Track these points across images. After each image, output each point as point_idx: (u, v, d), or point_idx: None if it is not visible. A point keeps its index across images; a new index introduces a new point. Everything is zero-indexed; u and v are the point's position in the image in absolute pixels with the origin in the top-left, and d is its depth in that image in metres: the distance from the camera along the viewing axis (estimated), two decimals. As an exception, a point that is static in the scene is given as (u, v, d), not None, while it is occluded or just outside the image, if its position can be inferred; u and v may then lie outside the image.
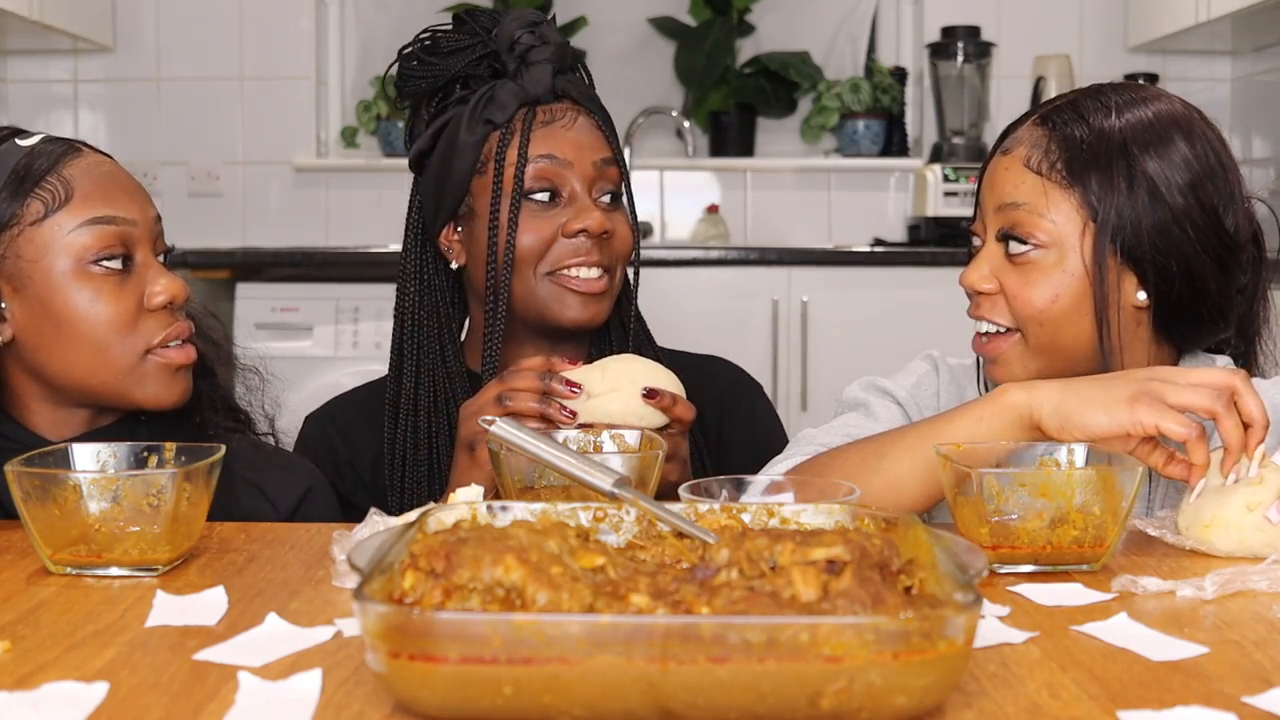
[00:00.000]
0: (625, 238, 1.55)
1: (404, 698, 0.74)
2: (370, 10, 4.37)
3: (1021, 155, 1.34)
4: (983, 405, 1.20)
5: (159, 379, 1.32)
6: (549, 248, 1.50)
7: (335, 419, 1.63)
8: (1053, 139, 1.33)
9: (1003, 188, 1.35)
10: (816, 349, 3.57)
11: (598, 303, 1.52)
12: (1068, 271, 1.31)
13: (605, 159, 1.54)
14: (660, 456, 1.17)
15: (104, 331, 1.29)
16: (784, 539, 0.84)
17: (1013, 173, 1.34)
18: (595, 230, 1.49)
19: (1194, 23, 3.56)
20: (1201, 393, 1.13)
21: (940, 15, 4.12)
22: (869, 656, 0.70)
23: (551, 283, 1.50)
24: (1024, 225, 1.32)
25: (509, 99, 1.52)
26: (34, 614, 0.95)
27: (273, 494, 1.41)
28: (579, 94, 1.55)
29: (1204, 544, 1.11)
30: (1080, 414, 1.14)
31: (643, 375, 1.35)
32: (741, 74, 4.22)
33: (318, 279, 3.70)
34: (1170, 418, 1.11)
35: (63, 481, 1.05)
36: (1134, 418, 1.12)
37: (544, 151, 1.51)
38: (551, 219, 1.51)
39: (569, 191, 1.51)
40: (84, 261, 1.29)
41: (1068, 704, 0.77)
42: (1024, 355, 1.34)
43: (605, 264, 1.51)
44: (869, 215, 4.22)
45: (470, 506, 0.93)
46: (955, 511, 1.09)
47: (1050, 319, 1.32)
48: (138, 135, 4.26)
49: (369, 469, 1.58)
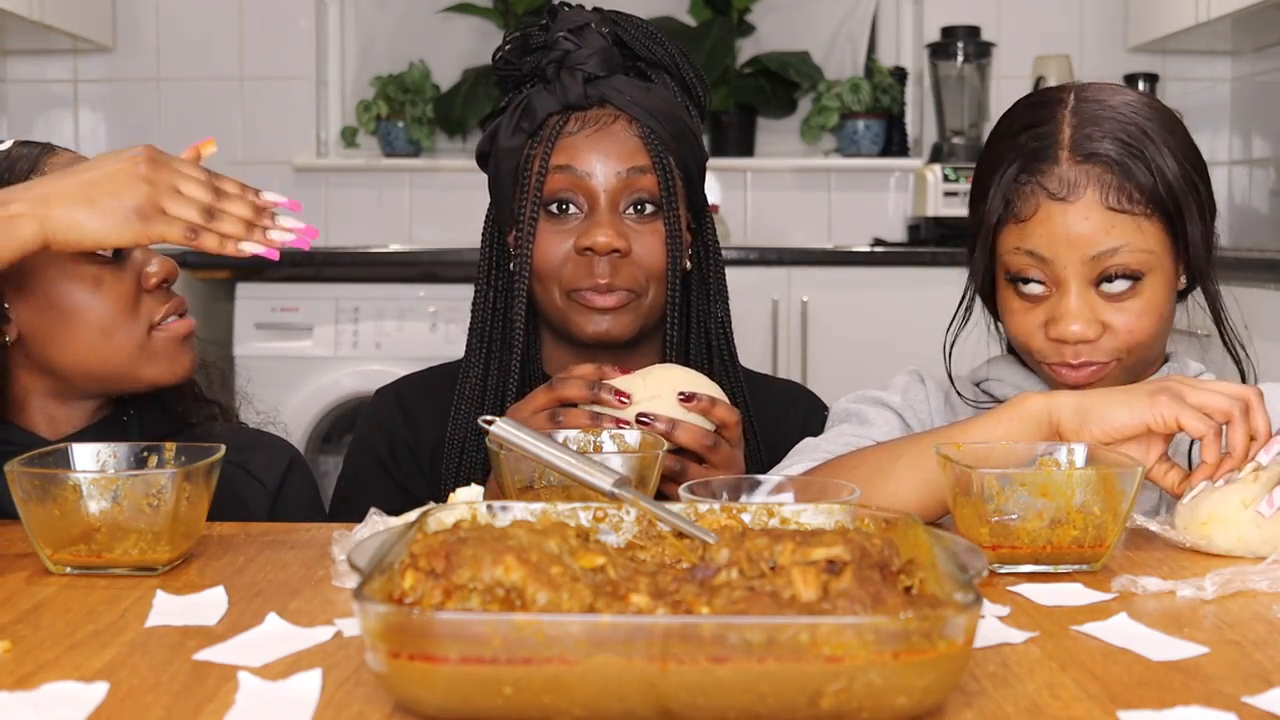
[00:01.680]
0: (653, 253, 1.48)
1: (404, 698, 0.74)
2: (370, 10, 4.37)
3: (1095, 199, 1.29)
4: (1000, 413, 1.21)
5: (167, 353, 1.37)
6: (565, 264, 1.47)
7: (401, 399, 1.62)
8: (1113, 171, 1.30)
9: (1091, 238, 1.29)
10: (816, 349, 3.57)
11: (616, 317, 1.47)
12: (1164, 287, 1.32)
13: (635, 168, 1.47)
14: (660, 456, 1.17)
15: (110, 317, 1.33)
16: (784, 539, 0.84)
17: (1094, 220, 1.29)
18: (601, 249, 1.45)
19: (1194, 23, 3.56)
20: (1220, 397, 1.15)
21: (940, 15, 4.13)
22: (869, 656, 0.70)
23: (571, 300, 1.48)
24: (1129, 265, 1.29)
25: (540, 106, 1.49)
26: (34, 614, 0.95)
27: (258, 472, 1.45)
28: (623, 100, 1.49)
29: (1203, 541, 1.11)
30: (1101, 411, 1.15)
31: (683, 381, 1.33)
32: (741, 74, 4.22)
33: (318, 279, 3.71)
34: (1190, 413, 1.14)
35: (63, 481, 1.05)
36: (1155, 410, 1.14)
37: (562, 162, 1.47)
38: (565, 234, 1.47)
39: (589, 204, 1.47)
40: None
41: (1068, 704, 0.77)
42: (1119, 376, 1.33)
43: (623, 285, 1.47)
44: (869, 215, 4.22)
45: (470, 506, 0.93)
46: (955, 511, 1.10)
47: (1156, 336, 1.34)
48: (138, 135, 4.26)
49: (428, 453, 1.57)
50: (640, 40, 1.53)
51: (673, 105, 1.52)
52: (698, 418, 1.32)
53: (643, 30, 1.54)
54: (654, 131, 1.49)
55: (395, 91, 4.23)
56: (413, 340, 3.55)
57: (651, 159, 1.48)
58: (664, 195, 1.48)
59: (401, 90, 4.23)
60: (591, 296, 1.46)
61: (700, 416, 1.32)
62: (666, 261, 1.48)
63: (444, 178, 4.22)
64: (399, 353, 3.51)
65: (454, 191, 4.18)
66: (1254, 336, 1.59)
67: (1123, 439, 1.16)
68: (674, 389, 1.32)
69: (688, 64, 1.56)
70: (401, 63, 4.31)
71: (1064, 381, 1.33)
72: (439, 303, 3.57)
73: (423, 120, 4.23)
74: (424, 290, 3.61)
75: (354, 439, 1.63)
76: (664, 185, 1.48)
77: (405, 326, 3.58)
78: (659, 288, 1.50)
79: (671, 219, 1.49)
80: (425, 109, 4.22)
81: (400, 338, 3.57)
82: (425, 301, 3.59)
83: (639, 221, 1.48)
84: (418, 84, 4.23)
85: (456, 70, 4.29)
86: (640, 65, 1.54)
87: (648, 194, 1.48)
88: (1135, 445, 1.16)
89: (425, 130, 4.24)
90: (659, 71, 1.54)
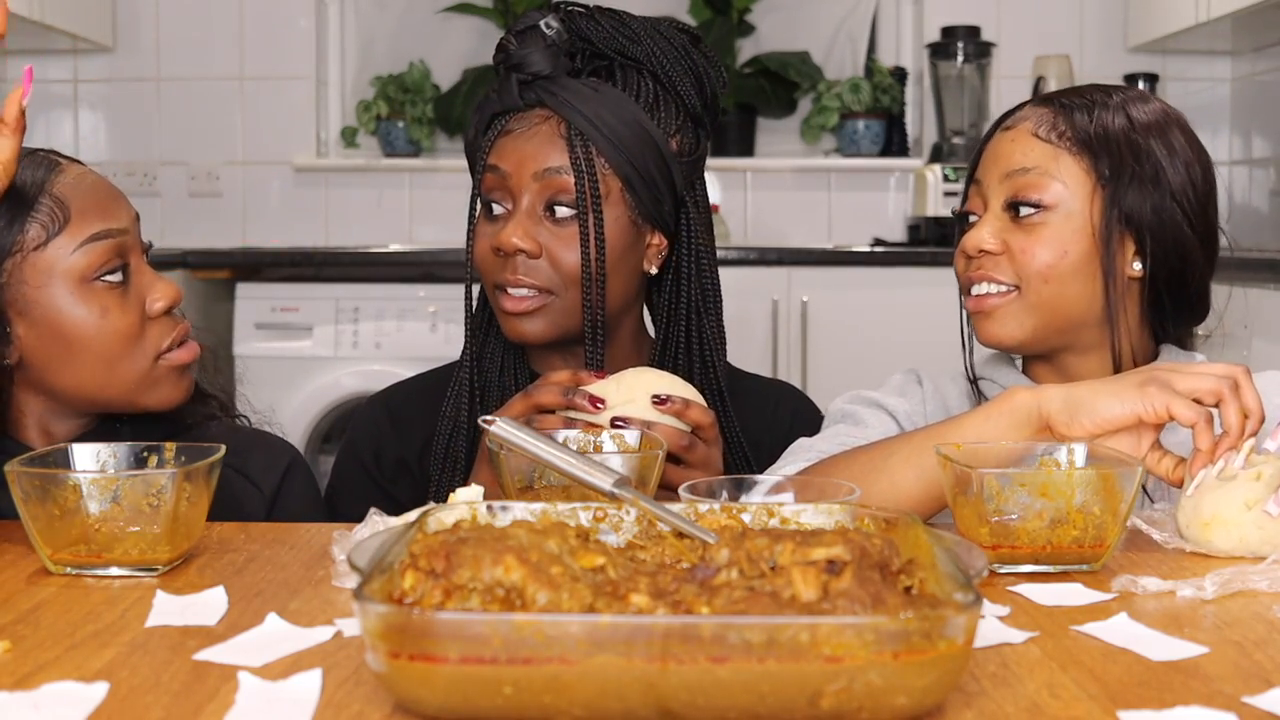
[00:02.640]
0: (566, 257, 1.45)
1: (404, 698, 0.74)
2: (370, 10, 4.37)
3: (1028, 128, 1.39)
4: (989, 408, 1.21)
5: (169, 381, 1.34)
6: (487, 265, 1.49)
7: (390, 406, 1.62)
8: (1059, 115, 1.39)
9: (1010, 157, 1.39)
10: (816, 349, 3.58)
11: (527, 322, 1.47)
12: (1076, 230, 1.36)
13: (551, 169, 1.45)
14: (660, 457, 1.17)
15: (114, 345, 1.30)
16: (784, 539, 0.84)
17: (1019, 143, 1.39)
18: (505, 248, 1.45)
19: (1194, 23, 3.56)
20: (1208, 379, 1.15)
21: (940, 15, 4.13)
22: (869, 656, 0.70)
23: (496, 302, 1.49)
24: (1034, 187, 1.36)
25: (486, 106, 1.51)
26: (34, 614, 0.95)
27: (255, 475, 1.43)
28: (556, 101, 1.46)
29: (1203, 544, 1.11)
30: (1091, 403, 1.16)
31: (656, 385, 1.34)
32: (741, 74, 4.22)
33: (318, 279, 3.71)
34: (1180, 402, 1.14)
35: (63, 481, 1.05)
36: (1145, 400, 1.14)
37: (491, 162, 1.49)
38: (490, 233, 1.49)
39: (512, 205, 1.48)
40: (87, 279, 1.29)
41: (1068, 704, 0.77)
42: (1020, 312, 1.37)
43: (535, 284, 1.46)
44: (869, 215, 4.22)
45: (470, 506, 0.93)
46: (955, 511, 1.09)
47: (1056, 275, 1.35)
48: (138, 135, 4.26)
49: (418, 459, 1.57)
50: (609, 37, 1.50)
51: (626, 107, 1.47)
52: (672, 420, 1.32)
53: (615, 26, 1.50)
54: (583, 134, 1.46)
55: (395, 91, 4.23)
56: (413, 340, 3.55)
57: (572, 159, 1.45)
58: (581, 198, 1.45)
59: (401, 90, 4.23)
60: (501, 297, 1.48)
61: (674, 419, 1.32)
62: (582, 264, 1.46)
63: (444, 178, 4.22)
64: (399, 353, 3.51)
65: (454, 191, 4.18)
66: (1254, 336, 1.59)
67: (1114, 430, 1.16)
68: (647, 392, 1.32)
69: (676, 59, 1.51)
70: (401, 63, 4.31)
71: (969, 310, 1.41)
72: (439, 303, 3.57)
73: (423, 120, 4.23)
74: (424, 290, 3.61)
75: (341, 447, 1.63)
76: (581, 187, 1.45)
77: (405, 326, 3.58)
78: (576, 290, 1.47)
79: (595, 222, 1.45)
80: (425, 109, 4.22)
81: (400, 338, 3.58)
82: (425, 301, 3.59)
83: (556, 223, 1.47)
84: (418, 84, 4.23)
85: (456, 70, 4.29)
86: (611, 63, 1.51)
87: (565, 195, 1.46)
88: (1126, 436, 1.16)
89: (425, 130, 4.24)
90: (633, 69, 1.50)
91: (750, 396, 1.61)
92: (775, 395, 1.65)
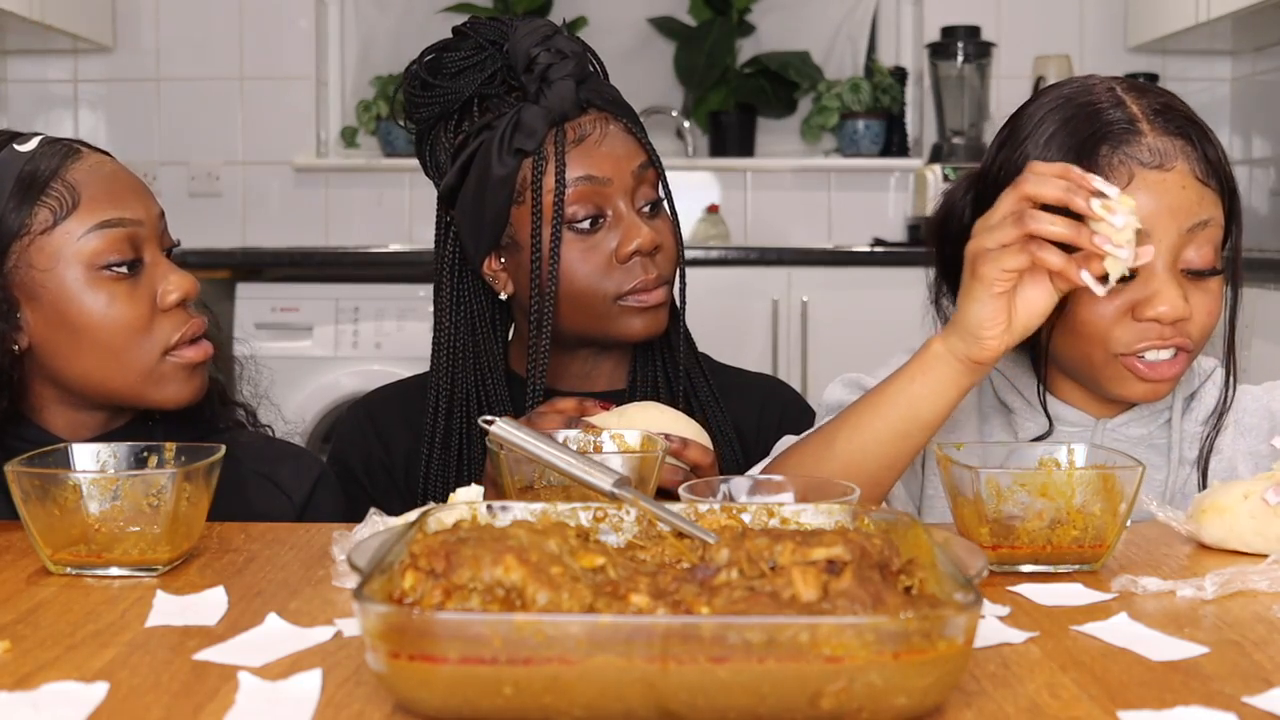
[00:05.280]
0: (672, 243, 1.50)
1: (404, 698, 0.74)
2: (370, 10, 4.37)
3: (1187, 169, 1.23)
4: (911, 365, 1.20)
5: (177, 379, 1.32)
6: (605, 276, 1.45)
7: (372, 413, 1.61)
8: (1193, 144, 1.25)
9: (1187, 209, 1.22)
10: (816, 349, 3.57)
11: (658, 314, 1.48)
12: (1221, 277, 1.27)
13: (643, 164, 1.48)
14: (660, 457, 1.17)
15: (121, 336, 1.29)
16: (784, 539, 0.84)
17: (1190, 190, 1.22)
18: (647, 248, 1.44)
19: (1194, 23, 3.56)
20: (1003, 218, 1.11)
21: (940, 15, 4.13)
22: (869, 656, 0.70)
23: (622, 306, 1.46)
24: (1212, 242, 1.24)
25: (537, 123, 1.43)
26: (34, 614, 0.95)
27: (286, 485, 1.41)
28: (604, 100, 1.48)
29: (1197, 531, 1.11)
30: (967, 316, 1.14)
31: (658, 422, 1.31)
32: (741, 74, 4.23)
33: (318, 279, 3.71)
34: (1007, 253, 1.10)
35: (63, 481, 1.05)
36: (987, 280, 1.11)
37: (581, 173, 1.44)
38: (600, 246, 1.45)
39: (613, 211, 1.45)
40: (95, 266, 1.28)
41: (1068, 704, 0.77)
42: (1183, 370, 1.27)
43: (665, 277, 1.48)
44: (869, 215, 4.22)
45: (470, 506, 0.93)
46: (955, 511, 1.10)
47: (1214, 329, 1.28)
48: (138, 135, 4.26)
49: (402, 468, 1.56)
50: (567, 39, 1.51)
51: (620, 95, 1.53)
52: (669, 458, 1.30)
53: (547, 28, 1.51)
54: (637, 125, 1.50)
55: (395, 91, 4.23)
56: (413, 340, 3.55)
57: (647, 153, 1.49)
58: (662, 184, 1.51)
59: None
60: (645, 296, 1.47)
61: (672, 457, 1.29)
62: (678, 248, 1.51)
63: (444, 178, 4.22)
64: (399, 353, 3.51)
65: (454, 191, 4.18)
66: (1254, 337, 1.59)
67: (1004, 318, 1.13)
68: (648, 427, 1.29)
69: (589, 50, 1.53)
70: (401, 63, 4.29)
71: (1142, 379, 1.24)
72: (439, 303, 3.57)
73: (423, 120, 4.22)
74: (424, 290, 3.61)
75: (329, 455, 1.62)
76: (660, 174, 1.50)
77: (405, 326, 3.58)
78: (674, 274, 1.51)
79: (671, 206, 1.52)
80: (425, 109, 4.22)
81: (400, 338, 3.57)
82: (425, 301, 3.59)
83: (651, 219, 1.49)
84: (418, 84, 4.23)
85: (456, 70, 4.29)
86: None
87: (655, 189, 1.50)
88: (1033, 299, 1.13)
89: (425, 130, 4.23)
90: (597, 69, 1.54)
91: (743, 392, 1.61)
92: (764, 390, 1.66)
